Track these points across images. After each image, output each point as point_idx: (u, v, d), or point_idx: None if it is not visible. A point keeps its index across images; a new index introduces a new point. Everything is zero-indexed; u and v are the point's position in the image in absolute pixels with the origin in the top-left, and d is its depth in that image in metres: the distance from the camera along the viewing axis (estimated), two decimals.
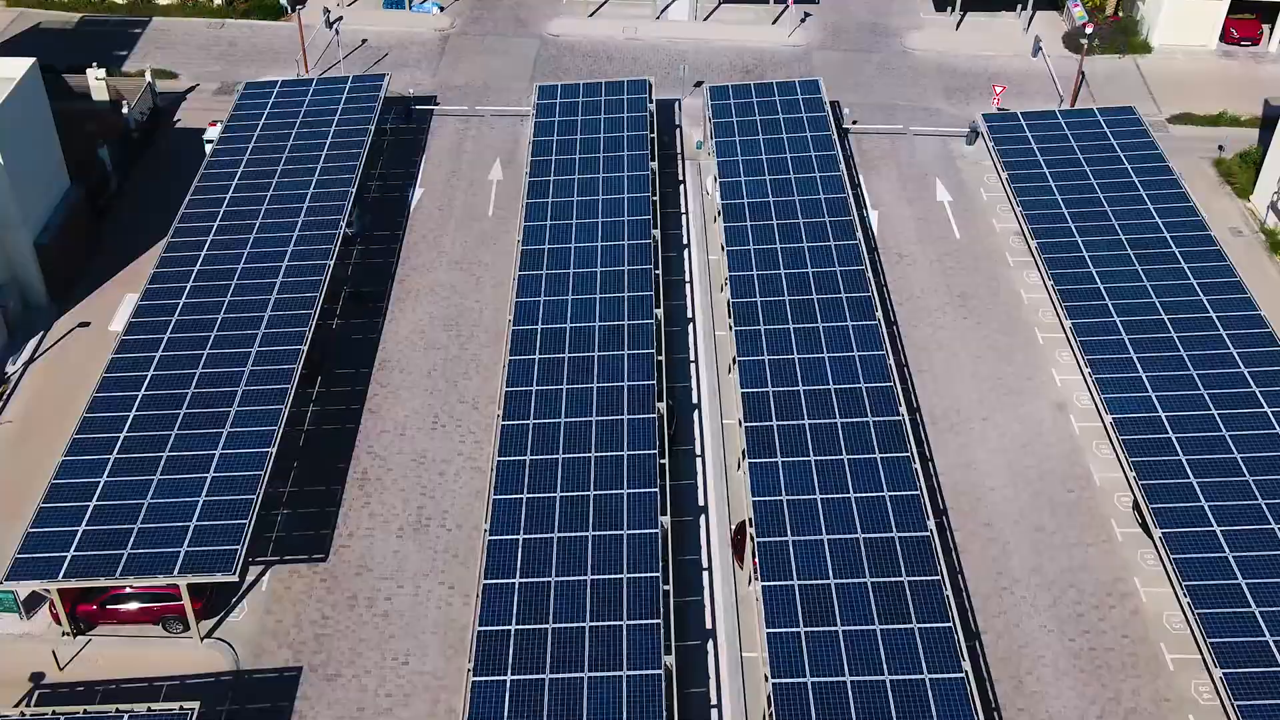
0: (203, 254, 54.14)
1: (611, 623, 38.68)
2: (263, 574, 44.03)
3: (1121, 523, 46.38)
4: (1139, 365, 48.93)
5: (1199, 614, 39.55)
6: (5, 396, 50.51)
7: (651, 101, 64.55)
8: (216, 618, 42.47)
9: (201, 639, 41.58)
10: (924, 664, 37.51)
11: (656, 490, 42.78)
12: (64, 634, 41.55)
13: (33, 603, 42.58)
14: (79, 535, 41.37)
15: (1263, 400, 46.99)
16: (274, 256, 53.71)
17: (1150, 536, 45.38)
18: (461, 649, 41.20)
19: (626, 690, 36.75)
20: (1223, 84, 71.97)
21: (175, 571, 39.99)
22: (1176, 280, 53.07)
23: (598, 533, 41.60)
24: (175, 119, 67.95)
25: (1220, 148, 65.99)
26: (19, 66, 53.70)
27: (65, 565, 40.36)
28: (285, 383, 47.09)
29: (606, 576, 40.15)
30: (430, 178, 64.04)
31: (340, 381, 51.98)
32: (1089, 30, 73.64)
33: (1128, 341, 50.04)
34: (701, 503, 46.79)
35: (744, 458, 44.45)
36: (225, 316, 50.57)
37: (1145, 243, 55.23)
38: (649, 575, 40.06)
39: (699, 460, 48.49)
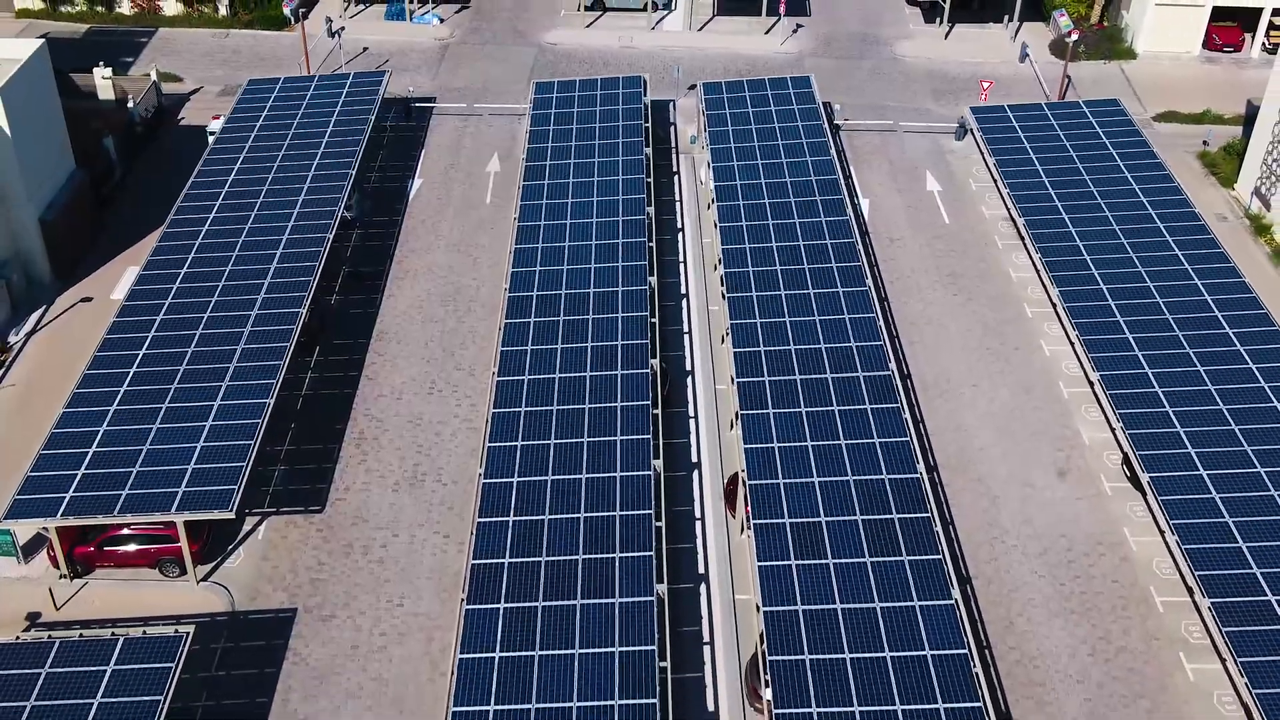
0: (204, 229, 55.11)
1: (605, 555, 39.11)
2: (259, 525, 44.41)
3: (1111, 478, 46.84)
4: (1125, 328, 49.66)
5: (1186, 549, 39.93)
6: (8, 364, 51.16)
7: (646, 94, 65.96)
8: (212, 564, 42.83)
9: (197, 582, 41.93)
10: (914, 592, 37.88)
11: (649, 436, 43.34)
12: (61, 576, 41.88)
13: (31, 548, 42.96)
14: (78, 478, 41.86)
15: (1246, 357, 47.69)
16: (274, 232, 54.63)
17: (1139, 489, 46.04)
18: (456, 592, 41.49)
19: (619, 616, 37.08)
20: (1206, 87, 73.42)
21: (173, 509, 40.44)
22: (1161, 252, 53.98)
23: (591, 475, 42.06)
24: (179, 117, 69.30)
25: (1205, 141, 67.25)
26: (28, 47, 54.99)
27: (64, 505, 40.81)
28: (284, 341, 47.84)
29: (600, 514, 40.57)
30: (429, 170, 65.21)
31: (338, 351, 52.67)
32: (1075, 37, 75.38)
33: (1114, 307, 50.86)
34: (695, 459, 47.34)
35: (736, 418, 45.05)
36: (226, 284, 51.41)
37: (1130, 219, 56.24)
38: (642, 513, 40.54)
39: (692, 421, 49.08)
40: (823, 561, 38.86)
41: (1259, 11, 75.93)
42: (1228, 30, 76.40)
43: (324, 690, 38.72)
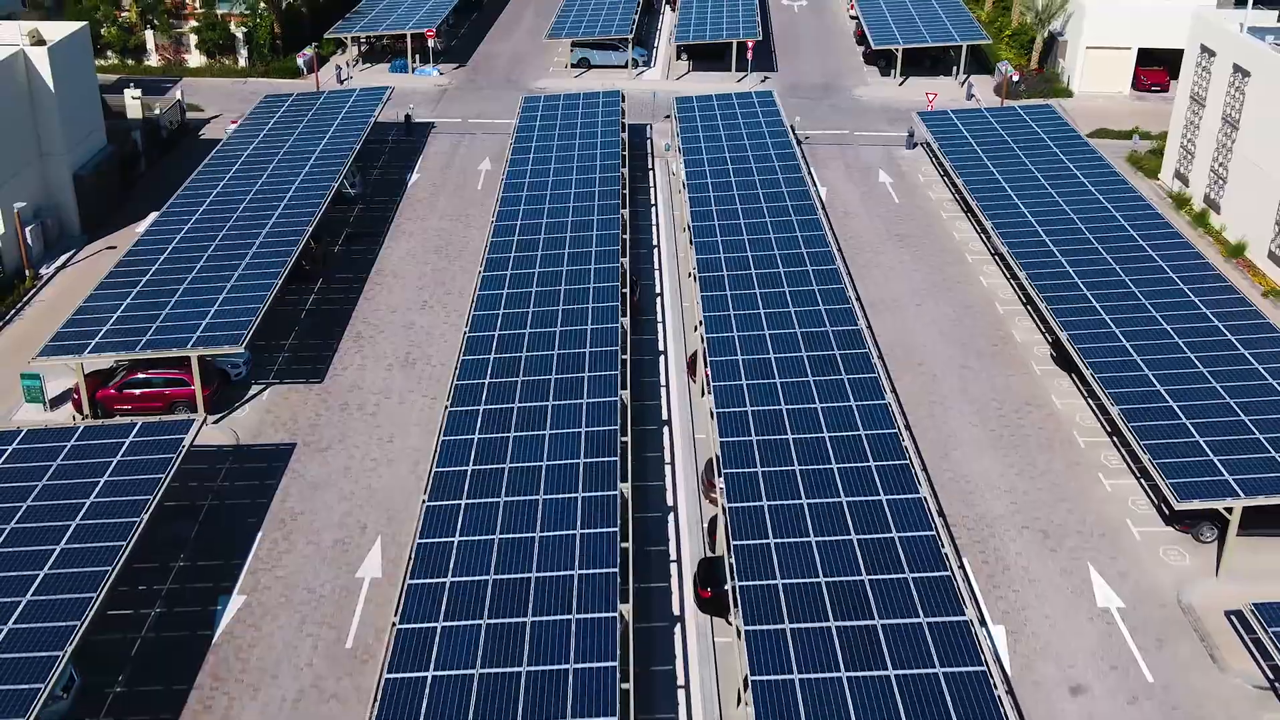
0: (219, 187, 60.93)
1: (569, 461, 39.69)
2: (263, 390, 48.81)
3: (1040, 363, 51.47)
4: (1057, 253, 54.75)
5: (1101, 378, 44.42)
6: (39, 287, 56.21)
7: (623, 102, 72.89)
8: (220, 414, 47.06)
9: (206, 421, 46.10)
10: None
11: (617, 348, 46.37)
12: (84, 418, 46.05)
13: (59, 402, 47.26)
14: (104, 329, 46.58)
15: (1160, 261, 52.90)
16: (283, 185, 60.37)
17: (1065, 369, 50.62)
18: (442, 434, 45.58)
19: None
20: (1136, 115, 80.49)
21: (189, 345, 45.06)
22: (1091, 201, 59.49)
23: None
24: (200, 133, 76.07)
25: (1134, 138, 74.10)
26: (71, 26, 61.99)
27: (90, 345, 45.44)
28: (297, 236, 53.36)
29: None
30: (426, 168, 71.57)
31: (339, 284, 57.79)
32: (1017, 78, 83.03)
33: (1049, 242, 55.86)
34: (660, 348, 52.04)
35: (701, 323, 49.77)
36: (243, 213, 57.03)
37: (1064, 183, 61.84)
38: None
39: (660, 325, 53.99)
40: (783, 436, 40.56)
41: (1181, 53, 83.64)
42: (1155, 72, 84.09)
43: (318, 495, 42.60)
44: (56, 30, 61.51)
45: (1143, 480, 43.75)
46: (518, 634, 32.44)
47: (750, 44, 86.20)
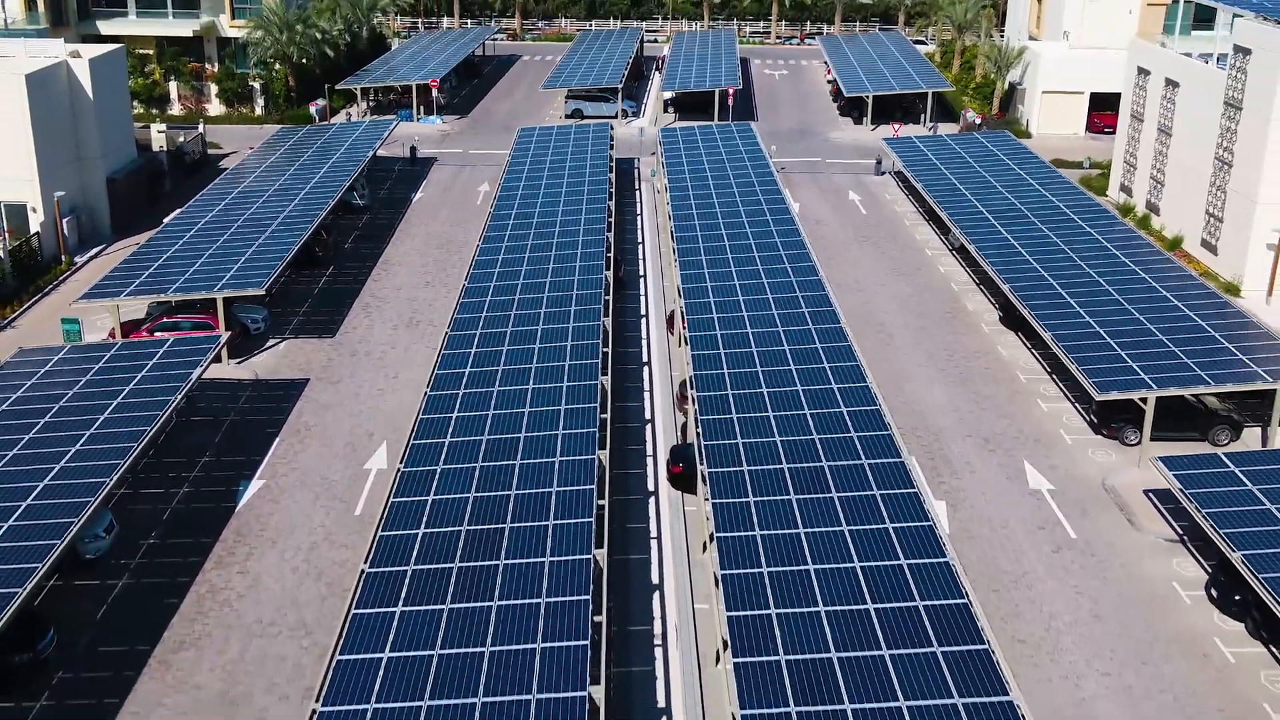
0: (240, 187, 66.43)
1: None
2: (280, 343, 53.51)
3: (990, 325, 56.30)
4: (1005, 233, 59.99)
5: (1030, 307, 49.51)
6: (74, 270, 61.27)
7: (613, 129, 78.86)
8: (241, 357, 51.68)
9: (228, 362, 50.75)
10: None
11: (600, 306, 51.17)
12: None
13: None
14: (139, 280, 51.58)
15: (1096, 235, 58.25)
16: (298, 185, 65.82)
17: (1012, 328, 55.42)
18: None
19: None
20: (1089, 151, 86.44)
21: (216, 289, 49.98)
22: (1040, 201, 64.92)
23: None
24: (220, 163, 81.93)
25: (1085, 164, 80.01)
26: (109, 46, 68.17)
27: (125, 291, 50.35)
28: (316, 213, 59.01)
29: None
30: (430, 189, 77.25)
31: (349, 269, 62.89)
32: (979, 121, 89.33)
33: (1000, 227, 61.19)
34: (643, 310, 56.92)
35: (679, 292, 54.86)
36: (262, 204, 62.47)
37: (1017, 185, 67.32)
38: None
39: (643, 320, 58.96)
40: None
41: None
42: (1106, 116, 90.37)
43: (330, 413, 47.07)
44: (95, 51, 67.65)
45: (1076, 403, 48.33)
46: (497, 537, 35.03)
47: (731, 91, 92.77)
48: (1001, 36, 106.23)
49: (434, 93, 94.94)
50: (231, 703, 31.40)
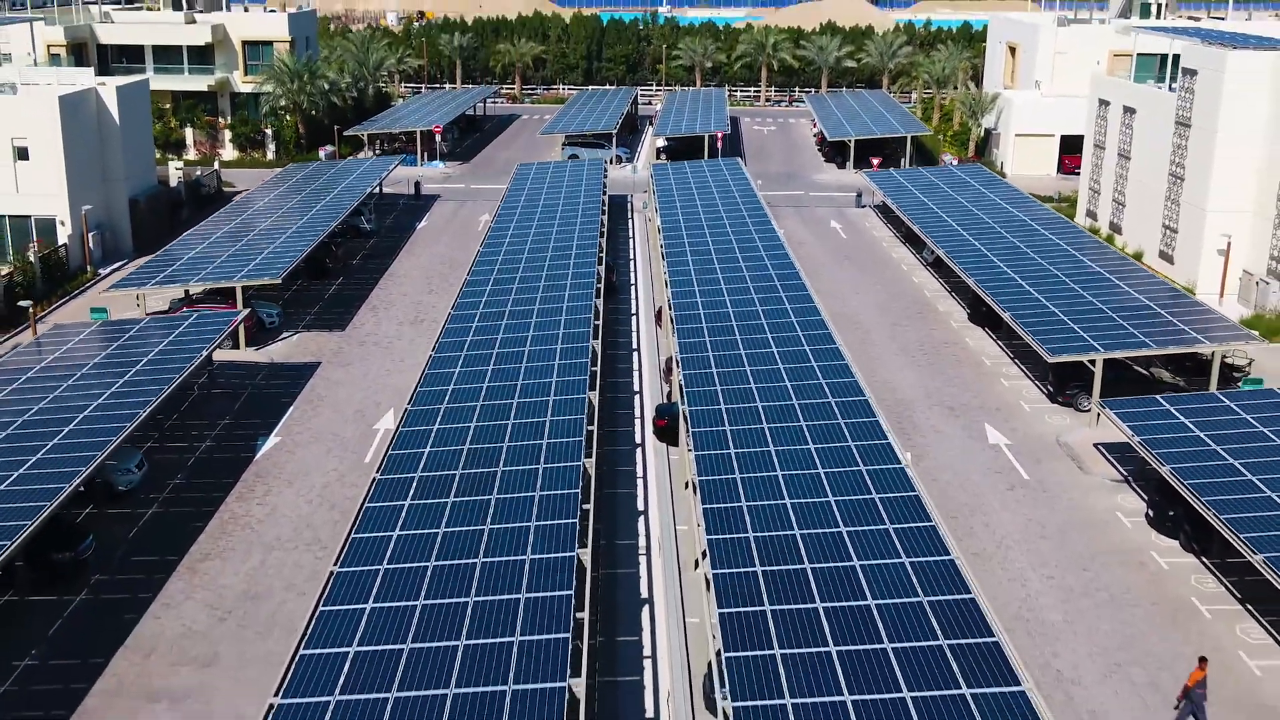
0: (255, 207, 70.63)
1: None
2: (294, 335, 57.14)
3: (958, 322, 60.02)
4: (974, 240, 63.98)
5: (990, 291, 53.23)
6: (98, 279, 65.12)
7: (609, 163, 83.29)
8: (257, 345, 55.27)
9: (245, 345, 54.38)
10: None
11: (592, 292, 55.72)
12: None
13: None
14: (163, 274, 55.40)
15: (1060, 242, 62.28)
16: (309, 205, 70.04)
17: (979, 324, 59.12)
18: None
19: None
20: (1061, 189, 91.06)
21: (236, 279, 53.79)
22: (1010, 219, 69.10)
23: (543, 306, 54.12)
24: (234, 198, 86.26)
25: (1056, 197, 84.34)
26: (135, 77, 72.74)
27: (150, 282, 54.14)
28: (329, 220, 62.83)
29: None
30: (433, 218, 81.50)
31: (357, 281, 66.76)
32: (955, 163, 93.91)
33: (969, 236, 65.24)
34: (632, 307, 60.64)
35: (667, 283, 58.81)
36: (277, 218, 66.58)
37: (986, 204, 71.67)
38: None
39: (633, 319, 62.74)
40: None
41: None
42: (1076, 157, 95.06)
43: (341, 388, 50.60)
44: (121, 82, 72.26)
45: (1036, 381, 51.87)
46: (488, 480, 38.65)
47: (720, 135, 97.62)
48: (979, 89, 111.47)
49: (437, 139, 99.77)
50: (253, 598, 34.55)
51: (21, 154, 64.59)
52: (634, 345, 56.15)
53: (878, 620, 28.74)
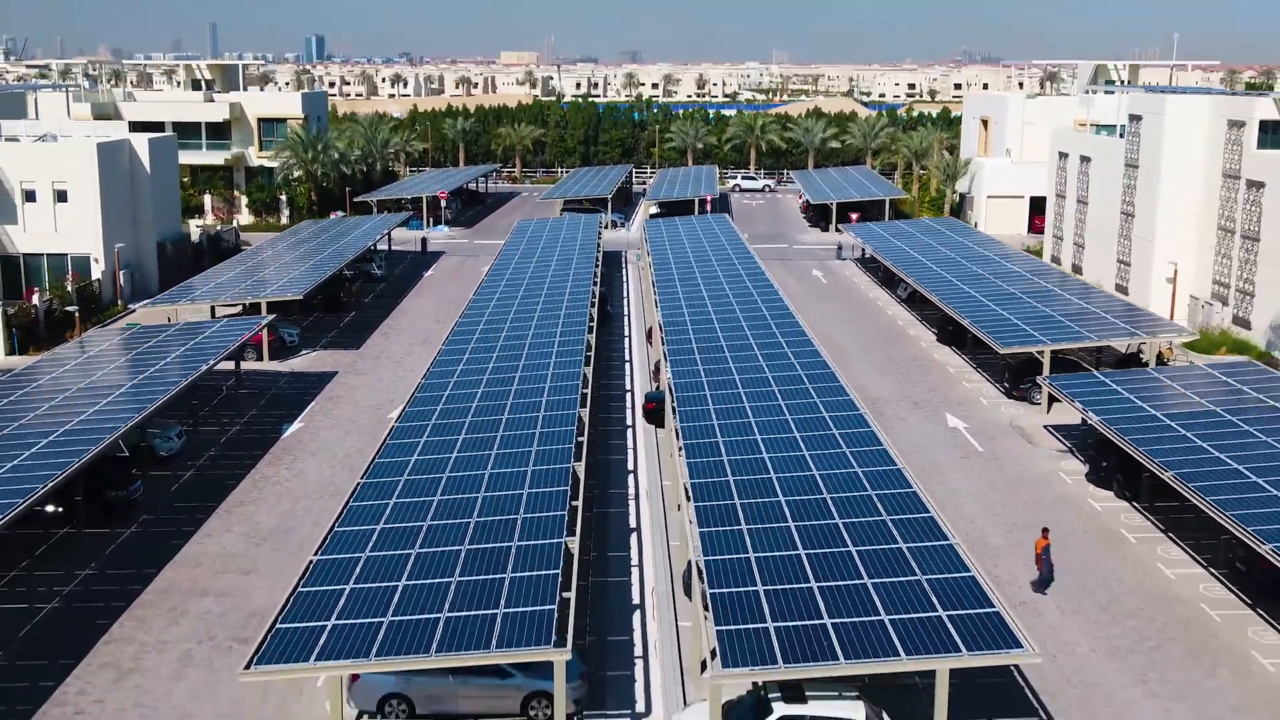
0: (271, 251, 75.87)
1: (554, 313, 56.30)
2: (312, 351, 61.81)
3: (926, 341, 64.79)
4: (941, 271, 69.06)
5: (948, 302, 58.03)
6: (127, 311, 70.01)
7: (606, 213, 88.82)
8: (279, 359, 59.92)
9: (268, 359, 58.99)
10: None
11: (588, 299, 61.56)
12: None
13: None
14: (194, 294, 60.30)
15: (1026, 273, 67.36)
16: (324, 248, 75.32)
17: (947, 343, 63.89)
18: None
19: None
20: (1030, 244, 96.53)
21: (263, 294, 58.68)
22: (969, 251, 74.37)
23: (547, 301, 60.13)
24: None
25: (1026, 248, 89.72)
26: (165, 133, 78.47)
27: (183, 300, 59.06)
28: (348, 254, 67.69)
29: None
30: (439, 269, 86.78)
31: (367, 314, 71.65)
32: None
33: (936, 269, 70.36)
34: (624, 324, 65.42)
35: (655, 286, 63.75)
36: (296, 257, 71.72)
37: (954, 245, 77.01)
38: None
39: (626, 340, 67.57)
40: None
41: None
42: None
43: (357, 391, 55.18)
44: (153, 135, 78.00)
45: (994, 381, 56.48)
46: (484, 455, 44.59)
47: (709, 199, 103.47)
48: (954, 157, 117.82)
49: (442, 204, 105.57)
50: (285, 530, 38.79)
51: (60, 196, 69.99)
52: (626, 357, 60.88)
53: (844, 534, 32.72)
